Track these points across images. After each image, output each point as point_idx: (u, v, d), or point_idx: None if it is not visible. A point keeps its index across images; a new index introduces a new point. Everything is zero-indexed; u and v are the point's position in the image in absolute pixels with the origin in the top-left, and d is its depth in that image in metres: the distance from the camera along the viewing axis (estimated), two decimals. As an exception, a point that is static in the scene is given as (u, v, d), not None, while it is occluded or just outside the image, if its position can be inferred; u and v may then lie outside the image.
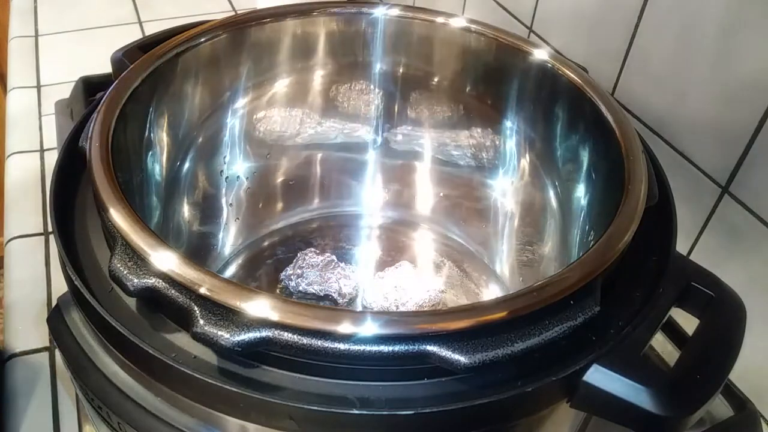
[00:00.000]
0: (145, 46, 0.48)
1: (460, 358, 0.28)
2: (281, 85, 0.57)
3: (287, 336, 0.28)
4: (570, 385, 0.30)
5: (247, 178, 0.59)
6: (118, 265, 0.31)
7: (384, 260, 0.58)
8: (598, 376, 0.30)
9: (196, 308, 0.29)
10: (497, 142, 0.56)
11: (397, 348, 0.28)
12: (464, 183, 0.60)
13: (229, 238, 0.59)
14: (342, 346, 0.28)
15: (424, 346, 0.28)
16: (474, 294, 0.56)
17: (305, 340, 0.28)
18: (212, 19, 0.51)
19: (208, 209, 0.56)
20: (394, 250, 0.59)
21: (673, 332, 0.42)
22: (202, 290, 0.29)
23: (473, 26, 0.52)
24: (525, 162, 0.54)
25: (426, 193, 0.62)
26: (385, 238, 0.61)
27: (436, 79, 0.57)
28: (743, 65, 0.45)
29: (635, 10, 0.53)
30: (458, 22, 0.53)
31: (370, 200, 0.63)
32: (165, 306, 0.31)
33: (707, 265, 0.36)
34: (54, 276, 0.58)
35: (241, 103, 0.55)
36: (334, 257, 0.56)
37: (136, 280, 0.30)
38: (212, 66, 0.51)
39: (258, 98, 0.56)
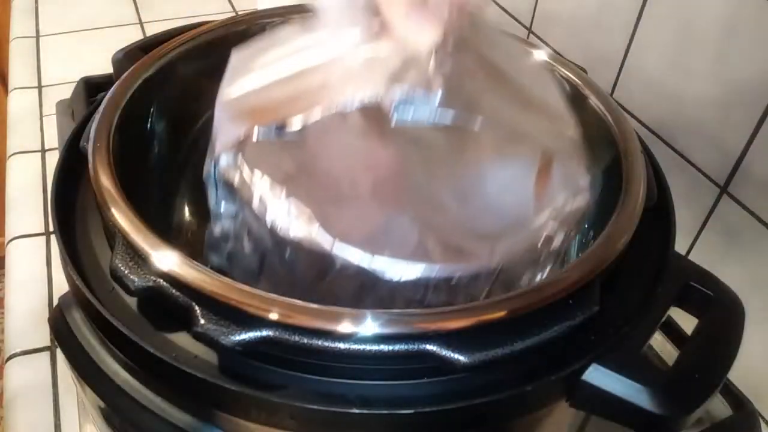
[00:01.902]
0: (146, 46, 0.48)
1: (460, 358, 0.28)
2: (282, 86, 0.57)
3: (288, 335, 0.28)
4: (569, 384, 0.30)
5: (247, 179, 0.58)
6: (119, 265, 0.31)
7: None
8: (597, 376, 0.30)
9: (196, 308, 0.29)
10: (497, 143, 0.56)
11: (396, 347, 0.28)
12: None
13: (229, 238, 0.59)
14: (342, 346, 0.28)
15: (423, 346, 0.28)
16: (474, 294, 0.56)
17: (306, 340, 0.28)
18: (213, 20, 0.51)
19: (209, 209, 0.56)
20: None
21: (672, 332, 0.42)
22: (203, 290, 0.29)
23: (473, 27, 0.52)
24: (525, 162, 0.54)
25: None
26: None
27: (436, 80, 0.57)
28: (741, 66, 0.45)
29: (634, 11, 0.53)
30: (458, 23, 0.53)
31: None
32: (166, 305, 0.31)
33: (706, 264, 0.36)
34: (55, 276, 0.59)
35: (242, 103, 0.55)
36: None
37: (137, 280, 0.30)
38: (213, 67, 0.51)
39: (258, 99, 0.56)
